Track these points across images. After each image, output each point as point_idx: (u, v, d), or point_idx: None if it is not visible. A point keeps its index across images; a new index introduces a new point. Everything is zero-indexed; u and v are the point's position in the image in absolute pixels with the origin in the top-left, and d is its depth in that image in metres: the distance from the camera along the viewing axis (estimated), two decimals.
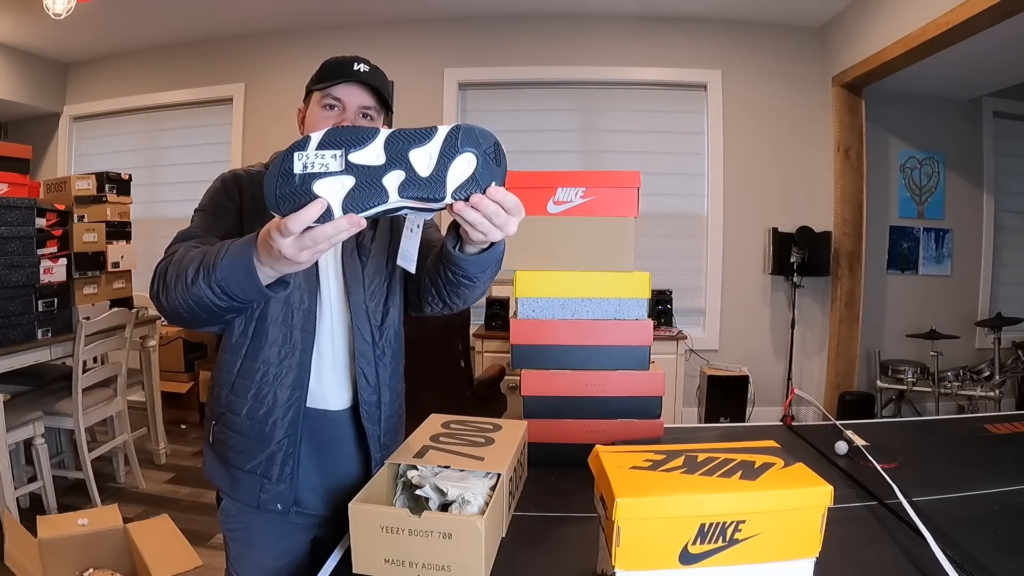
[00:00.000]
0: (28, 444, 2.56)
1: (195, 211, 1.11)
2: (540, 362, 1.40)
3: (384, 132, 0.75)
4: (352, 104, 1.08)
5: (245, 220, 1.08)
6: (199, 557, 1.78)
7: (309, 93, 1.12)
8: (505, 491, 1.00)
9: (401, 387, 1.24)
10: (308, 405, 1.11)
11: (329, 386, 1.12)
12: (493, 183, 0.78)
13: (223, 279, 0.84)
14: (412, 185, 0.73)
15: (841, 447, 1.36)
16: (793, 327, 4.01)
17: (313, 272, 1.10)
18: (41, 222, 2.63)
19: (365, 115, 1.09)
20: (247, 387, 1.09)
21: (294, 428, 1.09)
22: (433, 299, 1.10)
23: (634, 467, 0.77)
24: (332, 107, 1.08)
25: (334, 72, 1.08)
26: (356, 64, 1.08)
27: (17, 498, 2.44)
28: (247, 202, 1.09)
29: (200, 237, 1.02)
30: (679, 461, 0.79)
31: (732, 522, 0.72)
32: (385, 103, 1.11)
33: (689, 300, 4.14)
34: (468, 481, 1.00)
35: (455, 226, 0.92)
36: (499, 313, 3.67)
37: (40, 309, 2.59)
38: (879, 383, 4.01)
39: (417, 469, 1.04)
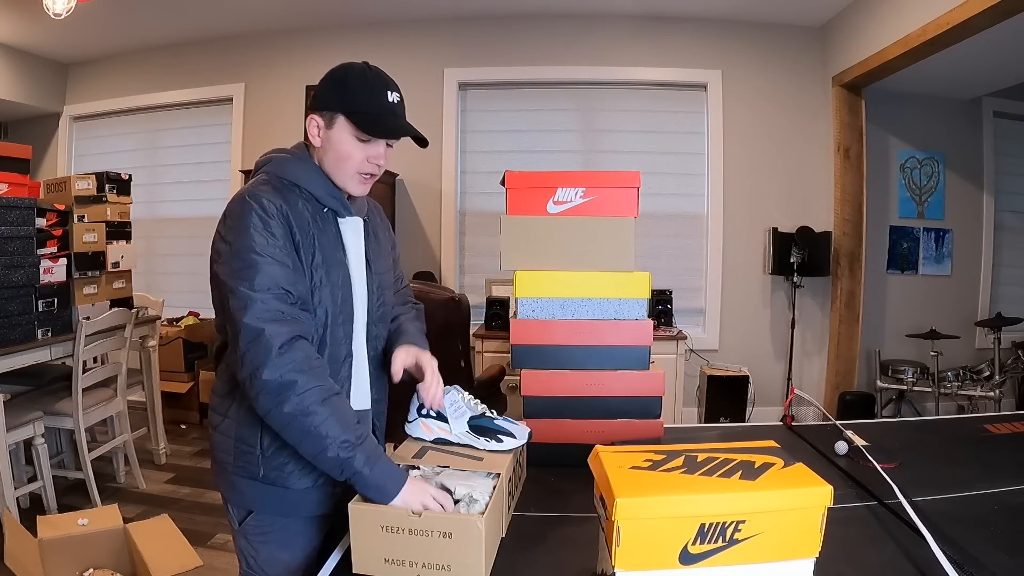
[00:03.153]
0: (28, 444, 2.56)
1: (249, 255, 0.98)
2: (540, 362, 1.40)
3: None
4: (382, 138, 1.09)
5: (300, 251, 1.04)
6: (199, 557, 1.78)
7: (332, 109, 1.07)
8: (505, 491, 1.00)
9: (387, 385, 1.30)
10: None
11: (360, 387, 1.15)
12: None
13: (372, 474, 0.95)
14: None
15: (841, 447, 1.36)
16: (793, 327, 4.01)
17: (348, 288, 1.11)
18: (41, 222, 2.62)
19: (389, 144, 1.11)
20: None
21: None
22: None
23: (634, 467, 0.77)
24: (366, 140, 1.07)
25: (375, 115, 1.06)
26: (390, 95, 1.07)
27: (17, 498, 2.44)
28: (295, 230, 1.04)
29: (295, 318, 0.99)
30: (679, 461, 0.79)
31: (732, 522, 0.72)
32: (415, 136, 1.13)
33: (689, 300, 4.14)
34: (472, 480, 1.00)
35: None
36: (499, 313, 3.67)
37: (40, 309, 2.59)
38: (879, 383, 4.01)
39: (419, 469, 1.04)
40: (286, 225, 1.03)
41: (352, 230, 1.14)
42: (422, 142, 1.13)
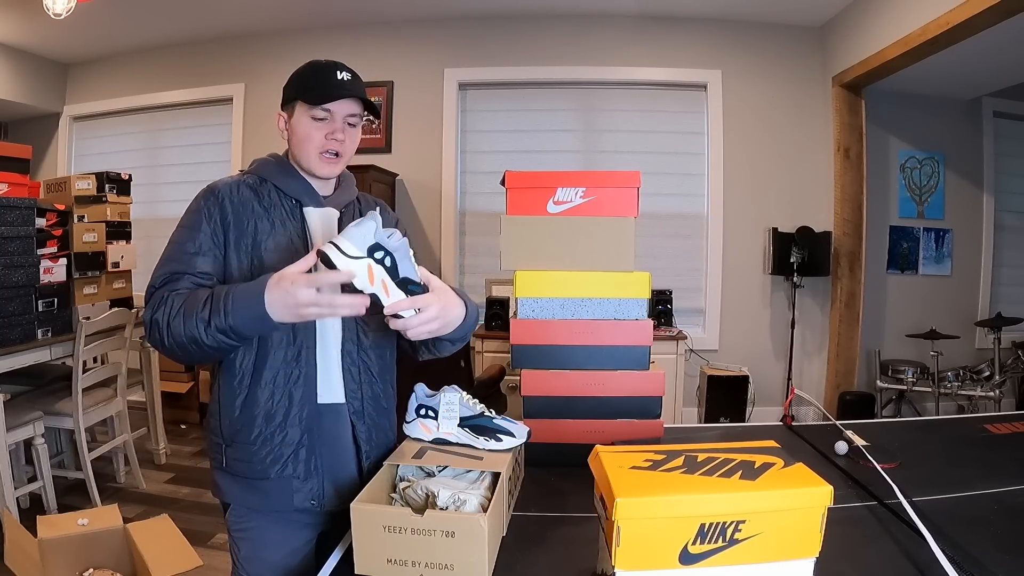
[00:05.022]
0: (28, 444, 2.56)
1: (177, 230, 1.11)
2: (540, 362, 1.40)
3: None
4: (339, 114, 1.13)
5: (229, 234, 1.10)
6: (199, 557, 1.78)
7: (291, 100, 1.15)
8: (505, 489, 1.01)
9: (386, 392, 1.25)
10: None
11: (331, 378, 1.15)
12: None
13: (238, 325, 0.96)
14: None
15: (841, 447, 1.36)
16: (793, 327, 4.01)
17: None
18: (41, 222, 2.62)
19: (351, 123, 1.15)
20: (260, 395, 1.09)
21: (311, 423, 1.12)
22: (424, 352, 1.23)
23: (634, 467, 0.77)
24: (321, 119, 1.12)
25: (320, 85, 1.12)
26: (339, 73, 1.12)
27: (17, 498, 2.44)
28: (229, 216, 1.10)
29: (187, 274, 1.06)
30: (679, 461, 0.79)
31: (732, 522, 0.72)
32: (367, 106, 1.17)
33: (689, 300, 4.14)
34: (457, 483, 1.01)
35: None
36: (499, 313, 3.67)
37: (40, 309, 2.59)
38: (879, 383, 4.01)
39: (409, 479, 1.04)
40: (217, 208, 1.10)
41: (321, 220, 1.16)
42: (373, 110, 1.18)
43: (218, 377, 1.13)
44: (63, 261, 2.72)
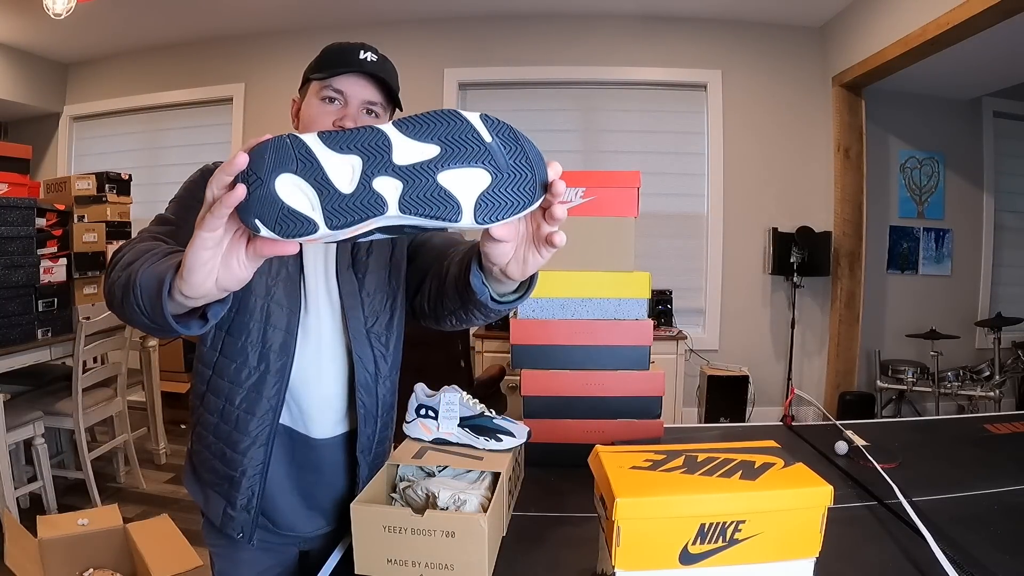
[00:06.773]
0: (28, 444, 2.56)
1: (171, 201, 1.02)
2: (540, 362, 1.40)
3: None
4: (355, 98, 0.95)
5: None
6: (199, 557, 1.78)
7: (307, 82, 1.00)
8: (505, 489, 1.00)
9: (394, 413, 1.16)
10: (293, 428, 1.03)
11: (316, 414, 1.04)
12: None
13: (143, 281, 0.68)
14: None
15: (841, 447, 1.36)
16: (793, 327, 4.01)
17: (296, 288, 0.99)
18: (41, 222, 2.63)
19: (369, 111, 0.96)
20: (216, 404, 0.99)
21: (261, 460, 0.99)
22: (454, 322, 0.97)
23: (634, 467, 0.77)
24: (332, 100, 0.95)
25: (336, 60, 0.95)
26: (362, 52, 0.95)
27: (17, 498, 2.44)
28: None
29: (173, 226, 0.91)
30: (679, 461, 0.79)
31: (732, 522, 0.72)
32: (393, 98, 0.99)
33: (689, 300, 4.14)
34: (458, 483, 1.01)
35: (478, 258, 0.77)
36: None
37: (40, 309, 2.59)
38: (879, 383, 4.01)
39: (409, 479, 1.04)
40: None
41: None
42: (395, 100, 0.98)
43: (197, 358, 1.03)
44: (63, 261, 2.72)
